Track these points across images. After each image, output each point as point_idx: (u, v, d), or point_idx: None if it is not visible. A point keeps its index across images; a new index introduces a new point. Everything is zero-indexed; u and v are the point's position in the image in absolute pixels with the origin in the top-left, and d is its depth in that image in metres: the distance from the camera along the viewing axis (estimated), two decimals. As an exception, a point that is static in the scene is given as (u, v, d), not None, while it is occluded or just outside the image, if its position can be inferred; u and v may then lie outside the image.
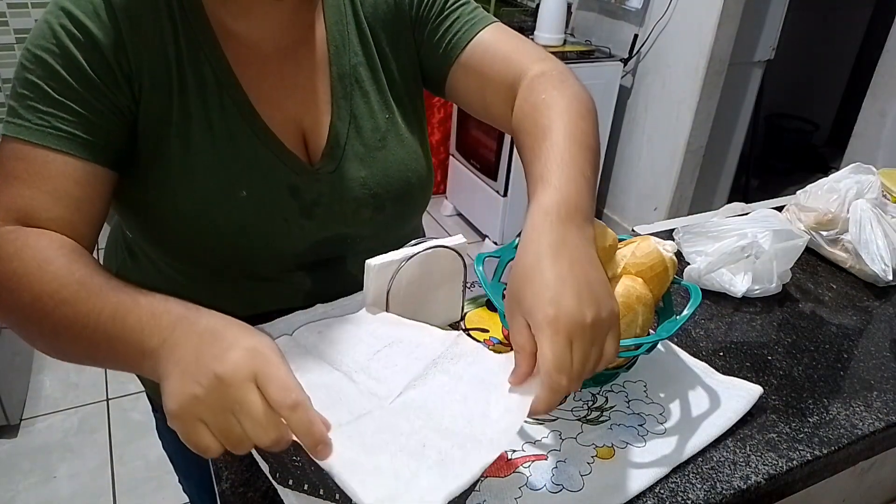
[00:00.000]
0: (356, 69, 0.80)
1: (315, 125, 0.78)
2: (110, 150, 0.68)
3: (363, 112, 0.80)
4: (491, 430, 0.57)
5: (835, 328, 0.94)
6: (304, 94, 0.77)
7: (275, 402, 0.50)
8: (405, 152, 0.83)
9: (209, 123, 0.71)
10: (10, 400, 1.91)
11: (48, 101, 0.64)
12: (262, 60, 0.75)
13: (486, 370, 0.64)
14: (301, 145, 0.77)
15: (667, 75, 2.68)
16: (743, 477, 0.68)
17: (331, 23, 0.79)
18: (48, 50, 0.64)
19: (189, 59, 0.70)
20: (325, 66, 0.78)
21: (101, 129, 0.66)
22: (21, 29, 2.89)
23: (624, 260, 0.78)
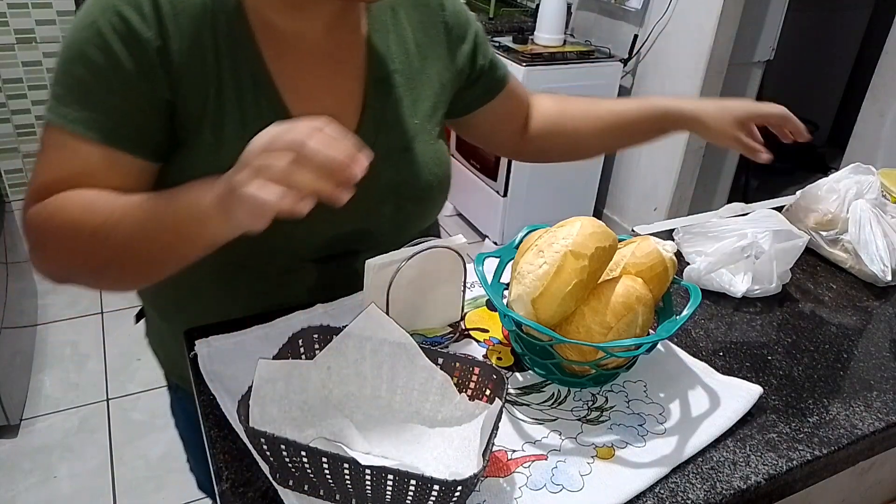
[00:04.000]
0: (391, 76, 0.84)
1: (346, 124, 0.80)
2: (148, 143, 0.72)
3: (393, 116, 0.84)
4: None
5: (835, 328, 0.94)
6: (338, 93, 0.81)
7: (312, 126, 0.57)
8: (430, 156, 0.87)
9: (243, 120, 0.74)
10: (10, 400, 1.91)
11: (90, 94, 0.68)
12: (301, 57, 0.78)
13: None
14: None
15: (667, 75, 2.68)
16: (743, 477, 0.68)
17: (373, 30, 0.83)
18: (93, 44, 0.67)
19: (228, 56, 0.73)
20: (363, 70, 0.82)
21: (140, 124, 0.70)
22: (21, 29, 2.89)
23: (624, 260, 0.78)
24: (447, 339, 0.84)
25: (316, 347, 0.71)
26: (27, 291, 2.40)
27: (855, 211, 1.04)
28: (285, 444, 0.56)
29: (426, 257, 0.78)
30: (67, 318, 2.47)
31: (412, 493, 0.56)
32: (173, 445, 1.95)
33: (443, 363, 0.70)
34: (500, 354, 0.83)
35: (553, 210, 2.91)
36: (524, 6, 3.36)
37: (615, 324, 0.72)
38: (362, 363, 0.70)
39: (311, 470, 0.58)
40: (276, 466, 0.61)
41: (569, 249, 0.72)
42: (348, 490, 0.59)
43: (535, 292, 0.72)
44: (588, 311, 0.73)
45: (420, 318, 0.85)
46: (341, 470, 0.56)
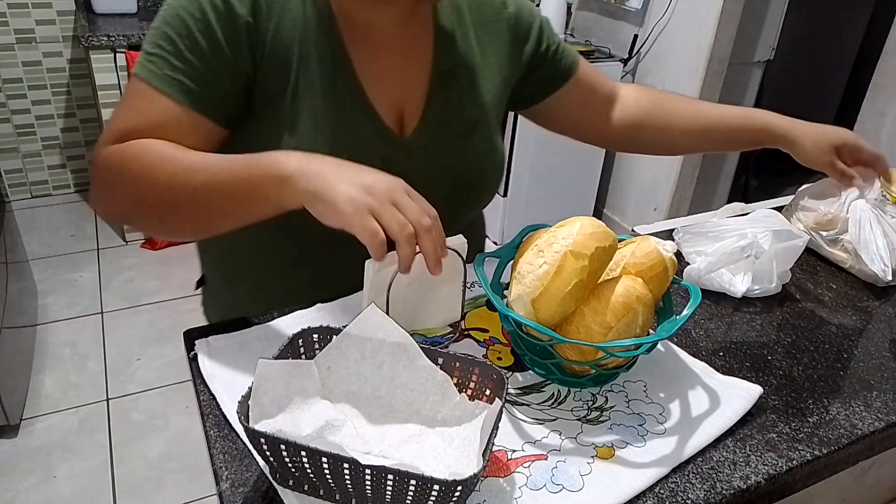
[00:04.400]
0: (455, 69, 0.91)
1: (412, 109, 0.88)
2: (221, 108, 0.79)
3: (455, 104, 0.91)
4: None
5: (834, 328, 0.94)
6: (407, 81, 0.88)
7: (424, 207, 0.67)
8: (486, 146, 0.95)
9: (321, 94, 0.81)
10: (10, 400, 1.91)
11: (179, 56, 0.76)
12: (376, 46, 0.86)
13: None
14: (397, 124, 0.87)
15: (666, 75, 2.68)
16: (743, 477, 0.68)
17: (440, 27, 0.91)
18: (190, 13, 0.76)
19: (313, 37, 0.81)
20: (430, 61, 0.90)
21: (217, 89, 0.78)
22: (21, 29, 2.89)
23: (624, 260, 0.78)
24: (447, 339, 0.84)
25: (316, 348, 0.71)
26: (27, 291, 2.40)
27: (855, 211, 1.04)
28: (285, 444, 0.56)
29: (426, 257, 0.78)
30: (67, 318, 2.47)
31: (412, 492, 0.56)
32: (173, 445, 1.96)
33: (443, 363, 0.70)
34: (500, 354, 0.83)
35: (553, 210, 2.91)
36: (524, 6, 3.36)
37: (615, 324, 0.72)
38: (362, 363, 0.70)
39: (310, 470, 0.58)
40: (275, 466, 0.61)
41: (569, 249, 0.72)
42: (348, 490, 0.59)
43: (535, 292, 0.72)
44: (588, 311, 0.73)
45: (420, 318, 0.85)
46: (341, 470, 0.56)
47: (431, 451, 0.66)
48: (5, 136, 3.04)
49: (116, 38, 2.49)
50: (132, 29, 2.58)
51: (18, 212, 3.05)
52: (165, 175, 0.73)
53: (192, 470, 1.89)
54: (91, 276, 2.73)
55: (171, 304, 2.55)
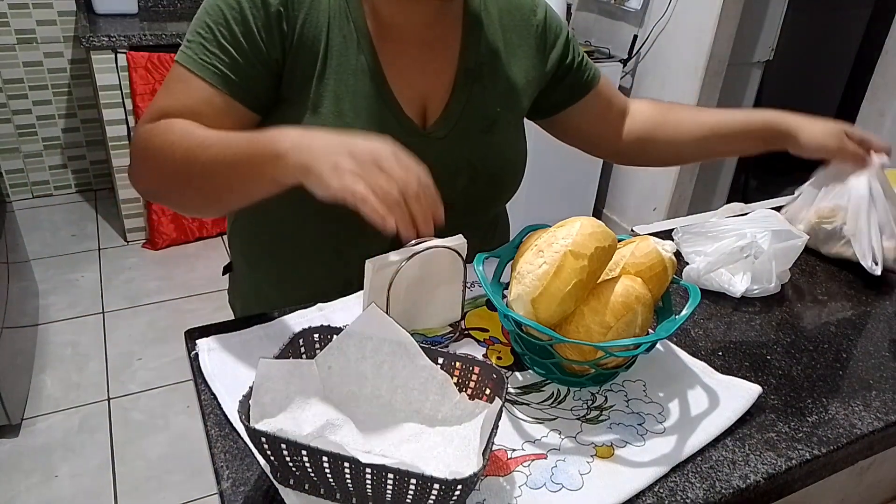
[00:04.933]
0: (480, 67, 0.94)
1: (435, 103, 0.92)
2: (253, 93, 0.84)
3: (478, 100, 0.94)
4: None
5: (834, 328, 0.94)
6: (432, 77, 0.92)
7: (414, 171, 0.68)
8: (507, 143, 0.99)
9: (344, 84, 0.85)
10: (11, 399, 1.91)
11: (215, 43, 0.81)
12: (403, 42, 0.89)
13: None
14: (420, 116, 0.91)
15: (666, 76, 2.69)
16: (742, 476, 0.68)
17: (468, 27, 0.94)
18: (228, 3, 0.81)
19: (339, 28, 0.85)
20: (455, 59, 0.93)
21: (250, 75, 0.82)
22: (22, 29, 2.89)
23: (623, 260, 0.78)
24: (447, 339, 0.85)
25: (317, 347, 0.71)
26: (28, 291, 2.40)
27: (853, 199, 1.03)
28: (286, 443, 0.56)
29: (426, 257, 0.79)
30: (68, 318, 2.47)
31: (412, 491, 0.57)
32: (174, 445, 1.97)
33: (443, 363, 0.70)
34: (500, 354, 0.83)
35: (553, 210, 2.91)
36: (524, 6, 3.36)
37: (614, 323, 0.72)
38: (363, 363, 0.70)
39: (311, 469, 0.58)
40: (276, 465, 0.61)
41: (568, 249, 0.72)
42: (349, 489, 0.59)
43: (535, 292, 0.72)
44: (587, 310, 0.74)
45: (420, 317, 0.85)
46: (342, 469, 0.57)
47: (431, 451, 0.66)
48: (6, 137, 3.05)
49: (117, 38, 2.49)
50: (133, 29, 2.58)
51: (20, 212, 3.05)
52: (182, 150, 0.77)
53: (192, 469, 1.89)
54: (92, 276, 2.73)
55: (172, 304, 2.55)
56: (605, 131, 1.12)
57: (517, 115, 1.01)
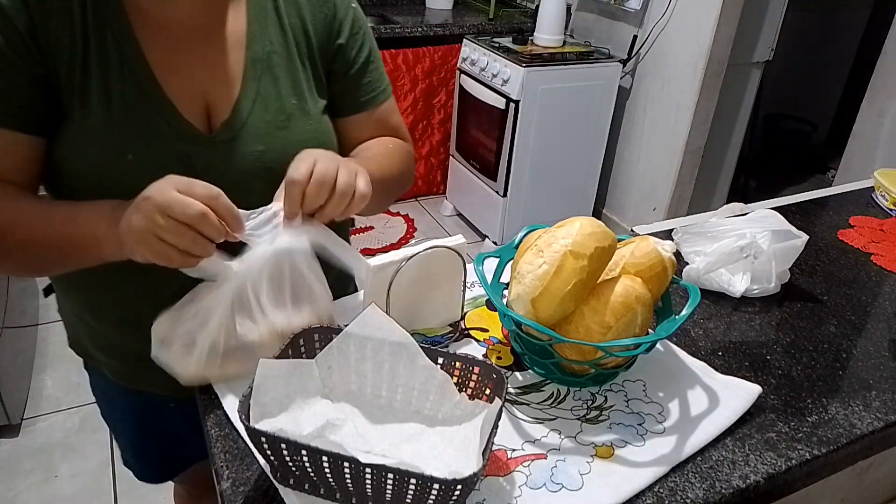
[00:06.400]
0: (270, 56, 0.85)
1: (221, 100, 0.82)
2: (31, 119, 0.76)
3: (270, 94, 0.84)
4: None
5: (833, 328, 0.94)
6: (214, 71, 0.82)
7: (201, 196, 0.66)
8: (307, 135, 0.87)
9: (107, 91, 0.77)
10: (11, 399, 1.91)
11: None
12: (173, 36, 0.80)
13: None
14: (203, 117, 0.82)
15: (666, 76, 2.69)
16: (742, 476, 0.69)
17: (252, 14, 0.85)
18: None
19: (94, 31, 0.76)
20: (242, 49, 0.84)
21: (19, 100, 0.75)
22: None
23: (623, 260, 0.78)
24: (447, 339, 0.85)
25: (317, 347, 0.71)
26: (28, 291, 2.40)
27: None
28: (286, 443, 0.56)
29: (426, 257, 0.79)
30: (68, 319, 2.47)
31: (412, 491, 0.57)
32: (174, 445, 1.96)
33: (443, 363, 0.70)
34: (500, 354, 0.83)
35: (553, 210, 2.91)
36: (524, 7, 3.36)
37: (614, 323, 0.72)
38: (363, 363, 0.70)
39: (311, 469, 0.58)
40: (276, 465, 0.62)
41: (568, 249, 0.72)
42: (348, 489, 0.59)
43: (535, 292, 0.73)
44: (587, 310, 0.74)
45: (420, 317, 0.85)
46: (342, 469, 0.57)
47: (431, 451, 0.66)
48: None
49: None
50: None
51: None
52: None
53: (192, 470, 1.89)
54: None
55: (172, 305, 2.55)
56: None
57: (316, 104, 0.89)
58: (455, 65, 2.97)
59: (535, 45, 2.78)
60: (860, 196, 1.37)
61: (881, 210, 1.31)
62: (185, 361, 0.71)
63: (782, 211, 1.14)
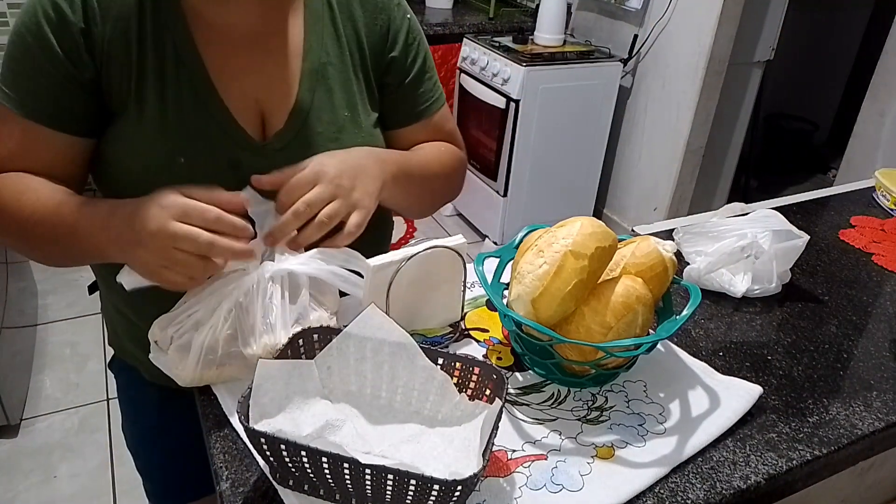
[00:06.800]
0: (325, 67, 0.85)
1: (276, 109, 0.83)
2: (73, 120, 0.78)
3: (325, 105, 0.85)
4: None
5: (834, 328, 0.94)
6: (270, 79, 0.83)
7: (202, 221, 0.67)
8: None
9: (163, 94, 0.78)
10: (10, 400, 1.91)
11: (23, 74, 0.76)
12: (231, 43, 0.81)
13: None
14: (257, 125, 0.83)
15: (666, 75, 2.68)
16: (743, 477, 0.68)
17: (309, 23, 0.85)
18: (28, 28, 0.75)
19: (152, 36, 0.77)
20: (299, 59, 0.84)
21: (65, 101, 0.77)
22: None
23: (624, 260, 0.78)
24: (447, 339, 0.84)
25: (316, 348, 0.71)
26: (27, 291, 2.40)
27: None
28: (285, 444, 0.56)
29: (426, 257, 0.78)
30: (67, 319, 2.47)
31: (412, 492, 0.56)
32: (173, 445, 1.95)
33: (443, 363, 0.70)
34: (500, 354, 0.83)
35: (553, 210, 2.91)
36: (524, 6, 3.36)
37: (615, 324, 0.72)
38: (363, 363, 0.70)
39: (311, 470, 0.58)
40: (275, 466, 0.61)
41: (569, 249, 0.72)
42: (348, 490, 0.59)
43: (535, 292, 0.72)
44: (588, 310, 0.73)
45: (420, 318, 0.85)
46: (341, 470, 0.56)
47: (431, 451, 0.66)
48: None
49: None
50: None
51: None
52: (15, 222, 0.76)
53: (192, 470, 1.89)
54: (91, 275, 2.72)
55: (172, 304, 2.55)
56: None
57: (369, 117, 0.90)
58: (455, 64, 2.97)
59: (535, 44, 2.78)
60: (861, 196, 1.37)
61: (882, 210, 1.31)
62: (181, 364, 0.71)
63: (783, 211, 1.14)
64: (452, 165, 0.98)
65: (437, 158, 0.95)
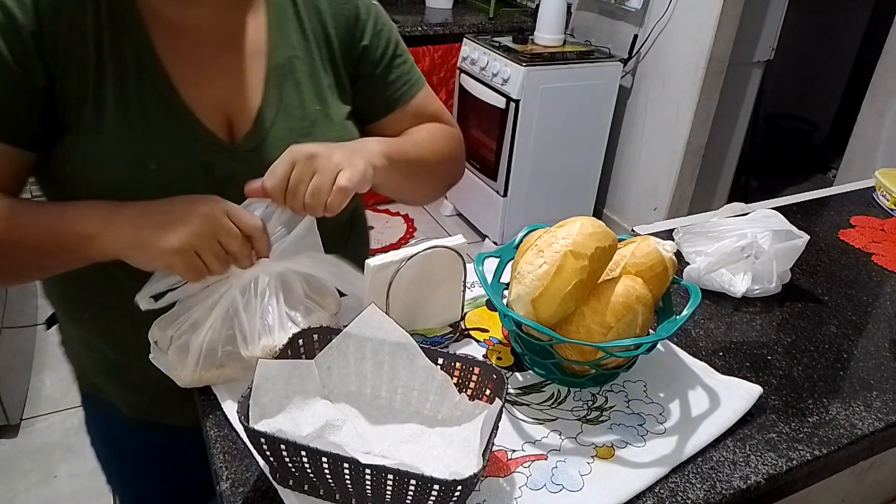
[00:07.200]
0: (291, 62, 0.83)
1: (243, 109, 0.80)
2: (20, 130, 0.72)
3: (293, 100, 0.82)
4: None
5: (834, 328, 0.94)
6: (234, 79, 0.80)
7: (246, 226, 0.70)
8: (334, 142, 0.82)
9: (125, 102, 0.74)
10: (10, 400, 1.91)
11: None
12: (192, 44, 0.78)
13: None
14: (224, 126, 0.79)
15: (666, 75, 2.68)
16: (743, 477, 0.68)
17: (271, 19, 0.82)
18: None
19: (110, 40, 0.73)
20: (263, 56, 0.81)
21: (11, 110, 0.71)
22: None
23: (624, 260, 0.78)
24: (447, 339, 0.84)
25: (316, 348, 0.71)
26: (27, 291, 2.40)
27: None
28: (285, 443, 0.56)
29: (426, 257, 0.78)
30: (67, 318, 2.47)
31: (412, 492, 0.56)
32: (173, 445, 1.95)
33: (443, 363, 0.70)
34: (500, 354, 0.83)
35: (553, 210, 2.91)
36: (524, 6, 3.36)
37: (615, 324, 0.72)
38: (363, 363, 0.70)
39: (311, 470, 0.58)
40: (275, 466, 0.61)
41: (569, 249, 0.72)
42: (348, 490, 0.59)
43: (535, 292, 0.72)
44: (588, 310, 0.73)
45: (420, 318, 0.85)
46: (341, 470, 0.56)
47: (431, 451, 0.66)
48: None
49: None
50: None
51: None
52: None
53: (192, 470, 1.89)
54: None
55: (172, 304, 2.55)
56: None
57: (340, 110, 0.87)
58: (455, 64, 2.97)
59: (535, 44, 2.78)
60: (861, 196, 1.37)
61: (882, 210, 1.31)
62: (181, 364, 0.71)
63: (783, 211, 1.14)
64: (447, 142, 0.94)
65: (428, 138, 0.92)
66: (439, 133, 0.94)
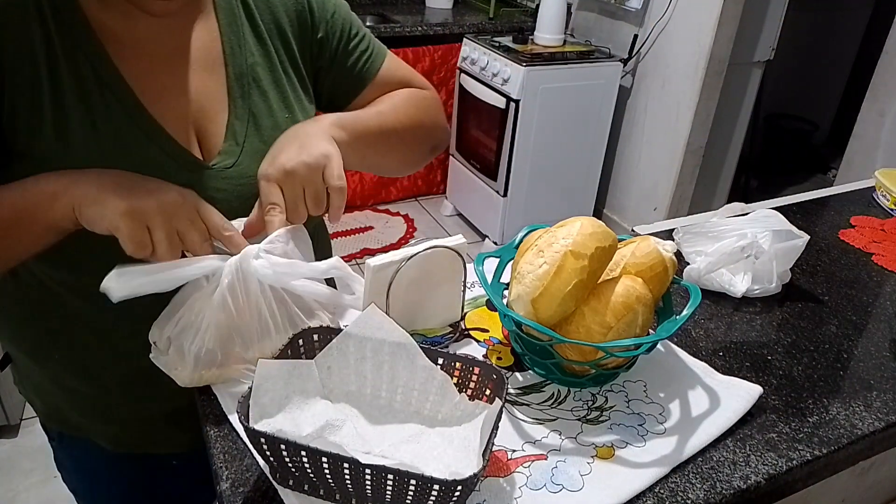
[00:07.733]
0: (253, 69, 0.79)
1: (211, 124, 0.76)
2: None
3: (262, 110, 0.79)
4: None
5: (834, 328, 0.94)
6: (197, 92, 0.76)
7: (212, 225, 0.68)
8: None
9: (92, 123, 0.69)
10: (10, 400, 1.91)
11: None
12: (149, 59, 0.73)
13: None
14: (195, 143, 0.76)
15: (666, 75, 2.69)
16: (743, 477, 0.68)
17: (224, 24, 0.78)
18: None
19: (64, 58, 0.68)
20: (221, 66, 0.78)
21: None
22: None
23: (624, 260, 0.78)
24: (447, 339, 0.84)
25: (316, 348, 0.71)
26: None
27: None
28: (285, 443, 0.56)
29: (426, 257, 0.78)
30: (67, 318, 2.47)
31: (412, 492, 0.56)
32: (173, 445, 1.95)
33: (443, 363, 0.70)
34: (500, 354, 0.83)
35: (553, 210, 2.91)
36: (524, 6, 3.36)
37: (615, 324, 0.72)
38: (363, 363, 0.70)
39: (311, 470, 0.58)
40: (275, 466, 0.61)
41: (569, 249, 0.72)
42: (348, 490, 0.59)
43: (535, 292, 0.72)
44: (588, 310, 0.73)
45: (420, 318, 0.85)
46: (341, 470, 0.56)
47: (431, 451, 0.66)
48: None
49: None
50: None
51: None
52: None
53: (192, 470, 1.89)
54: None
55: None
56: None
57: (310, 115, 0.84)
58: (455, 64, 2.97)
59: (535, 44, 2.78)
60: (861, 196, 1.37)
61: (882, 210, 1.31)
62: (181, 364, 0.71)
63: (783, 211, 1.14)
64: (417, 105, 0.90)
65: (392, 105, 0.88)
66: (407, 98, 0.90)
